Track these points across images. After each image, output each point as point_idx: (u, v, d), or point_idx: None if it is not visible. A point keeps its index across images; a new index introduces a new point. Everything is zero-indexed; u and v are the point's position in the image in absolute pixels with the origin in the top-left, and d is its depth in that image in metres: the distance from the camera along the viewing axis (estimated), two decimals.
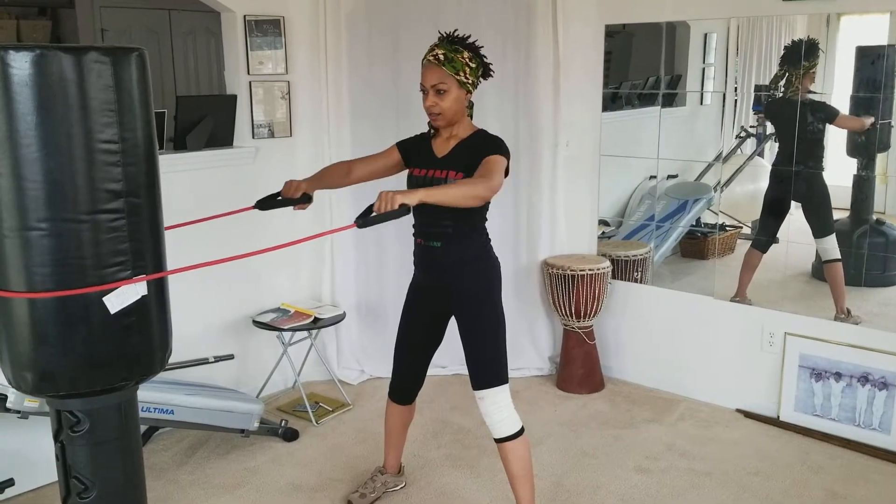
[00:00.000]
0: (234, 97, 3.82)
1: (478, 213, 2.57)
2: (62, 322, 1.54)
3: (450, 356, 3.45)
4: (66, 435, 1.66)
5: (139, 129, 1.60)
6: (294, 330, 3.71)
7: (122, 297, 1.58)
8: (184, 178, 3.62)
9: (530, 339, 4.26)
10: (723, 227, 5.16)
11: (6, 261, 1.53)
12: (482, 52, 2.56)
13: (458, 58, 2.47)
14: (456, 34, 2.54)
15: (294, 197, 2.62)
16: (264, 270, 3.94)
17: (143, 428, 3.44)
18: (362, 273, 4.17)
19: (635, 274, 4.23)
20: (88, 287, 1.53)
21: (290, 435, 3.55)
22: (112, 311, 1.57)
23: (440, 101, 2.48)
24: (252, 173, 3.80)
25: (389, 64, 4.02)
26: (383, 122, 4.03)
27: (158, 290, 1.71)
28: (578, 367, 4.02)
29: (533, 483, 2.66)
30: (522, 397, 3.98)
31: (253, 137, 3.88)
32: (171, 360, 3.52)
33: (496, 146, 2.51)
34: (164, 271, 1.72)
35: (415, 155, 2.66)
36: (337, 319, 3.86)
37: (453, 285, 2.62)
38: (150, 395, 3.04)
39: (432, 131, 2.63)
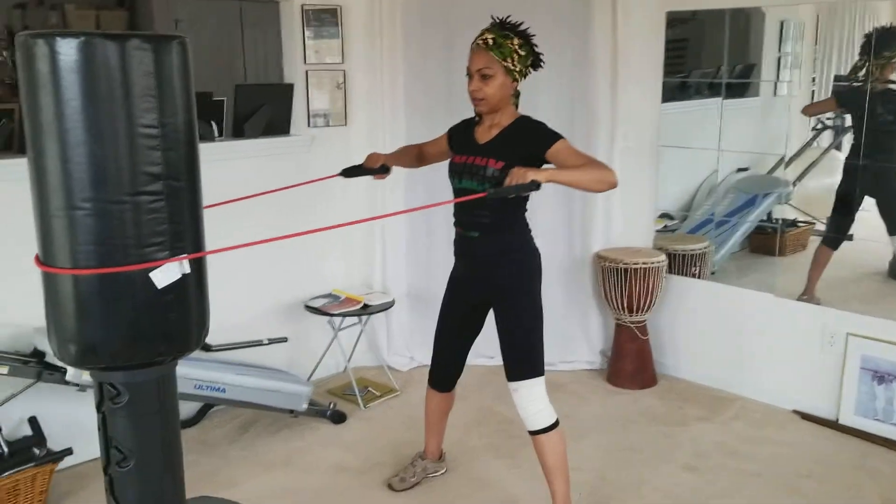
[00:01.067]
0: (291, 86, 3.89)
1: (517, 204, 2.56)
2: (104, 298, 1.61)
3: (496, 346, 3.44)
4: (108, 406, 1.73)
5: (179, 115, 1.65)
6: (343, 315, 3.77)
7: (167, 273, 1.64)
8: (241, 165, 3.72)
9: (582, 333, 4.22)
10: (795, 223, 4.99)
11: (53, 239, 1.61)
12: (536, 41, 2.55)
13: (508, 44, 2.46)
14: (508, 20, 2.52)
15: (374, 167, 2.81)
16: (318, 256, 4.02)
17: (197, 405, 3.57)
18: (413, 260, 4.20)
19: (693, 269, 4.13)
20: (128, 265, 1.59)
21: (338, 417, 3.62)
22: (159, 287, 1.63)
23: (484, 87, 2.48)
24: (308, 161, 3.87)
25: (444, 54, 4.03)
26: (437, 113, 4.02)
27: (197, 271, 1.76)
28: (630, 363, 3.97)
29: (568, 476, 2.65)
30: (571, 390, 3.95)
31: (309, 126, 3.95)
32: (226, 342, 3.70)
33: (550, 134, 2.49)
34: (204, 251, 1.77)
35: (457, 141, 2.67)
36: (386, 306, 3.90)
37: (490, 276, 2.62)
38: (203, 373, 3.15)
39: (477, 118, 2.63)
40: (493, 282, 2.62)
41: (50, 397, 3.03)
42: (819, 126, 4.83)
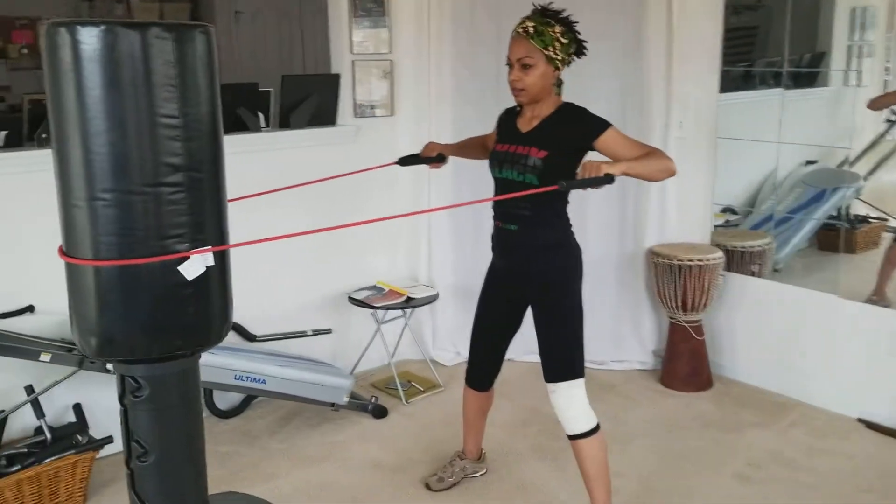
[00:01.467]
0: (338, 76, 3.85)
1: (560, 198, 2.45)
2: (122, 290, 1.58)
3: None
4: (129, 399, 1.71)
5: (201, 105, 1.61)
6: (386, 308, 3.72)
7: (194, 265, 1.61)
8: (287, 156, 3.70)
9: (633, 331, 4.08)
10: (866, 220, 4.72)
11: (76, 230, 1.58)
12: (587, 28, 2.45)
13: (549, 31, 2.35)
14: (550, 6, 2.41)
15: (430, 156, 2.81)
16: (363, 248, 3.98)
17: (240, 395, 3.57)
18: (460, 254, 4.12)
19: (752, 267, 3.94)
20: (147, 257, 1.56)
21: (379, 412, 3.57)
22: (189, 279, 1.60)
23: (525, 77, 2.38)
24: (353, 151, 3.82)
25: (493, 41, 3.91)
26: (485, 102, 3.92)
27: (220, 265, 1.72)
28: (684, 364, 3.81)
29: (609, 484, 2.53)
30: (620, 391, 3.82)
31: (355, 116, 3.91)
32: (271, 332, 3.70)
33: (598, 122, 2.38)
34: (228, 244, 1.73)
35: (502, 130, 2.58)
36: (430, 300, 3.84)
37: (528, 271, 2.52)
38: (244, 364, 3.14)
39: (519, 107, 2.54)
40: (530, 278, 2.52)
41: (95, 385, 3.06)
42: (892, 118, 4.56)
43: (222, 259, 1.73)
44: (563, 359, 2.50)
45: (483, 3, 3.90)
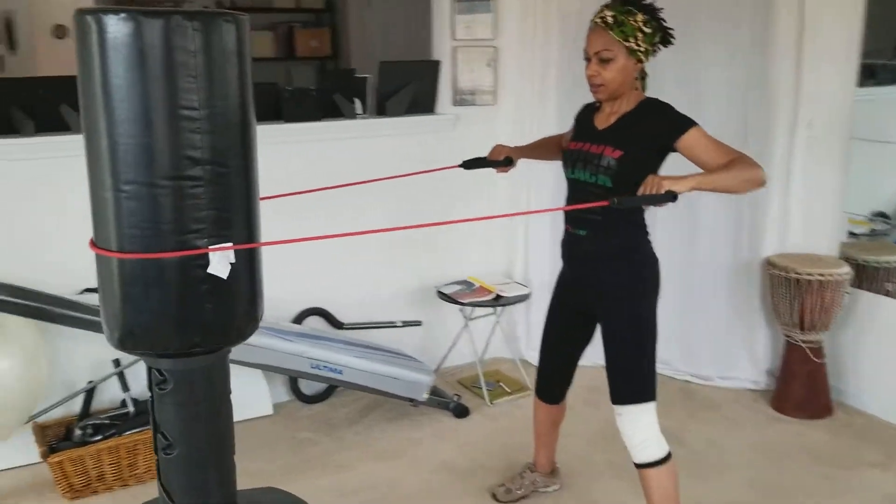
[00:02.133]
0: (438, 63, 3.75)
1: None
2: (142, 283, 1.56)
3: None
4: (155, 392, 1.69)
5: (228, 98, 1.55)
6: (473, 305, 3.60)
7: (219, 262, 1.57)
8: (383, 144, 3.65)
9: (746, 347, 3.73)
10: None
11: (102, 220, 1.57)
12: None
13: (630, 21, 2.13)
14: None
15: (497, 159, 2.61)
16: (459, 242, 3.88)
17: (323, 386, 3.57)
18: (558, 254, 3.91)
19: (887, 285, 3.50)
20: (164, 252, 1.52)
21: (460, 411, 3.47)
22: (219, 274, 1.56)
23: (603, 71, 2.17)
24: (452, 141, 3.72)
25: None
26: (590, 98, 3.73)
27: (248, 262, 1.66)
28: (799, 387, 3.44)
29: None
30: (724, 412, 3.51)
31: (454, 105, 3.79)
32: (361, 321, 3.68)
33: (681, 120, 2.14)
34: (253, 242, 1.67)
35: (578, 127, 2.39)
36: (520, 299, 3.68)
37: (596, 281, 2.32)
38: (321, 353, 3.12)
39: (597, 103, 2.33)
40: (598, 288, 2.33)
41: None
42: None
43: (250, 257, 1.68)
44: (631, 379, 2.28)
45: None
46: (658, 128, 2.15)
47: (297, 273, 3.55)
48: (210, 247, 1.56)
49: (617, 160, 2.16)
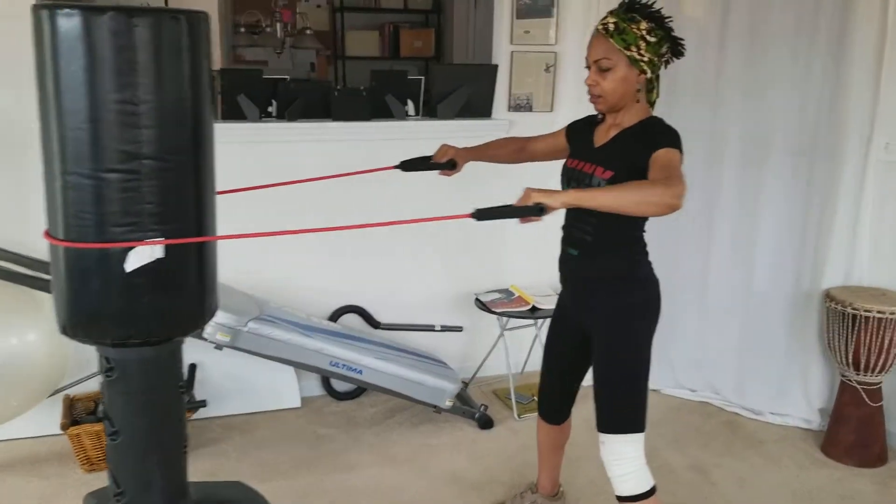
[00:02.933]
0: (495, 67, 3.68)
1: (629, 221, 2.08)
2: (79, 272, 1.60)
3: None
4: (104, 379, 1.75)
5: (170, 92, 1.57)
6: (507, 315, 3.52)
7: (137, 256, 1.60)
8: (432, 146, 3.58)
9: (800, 384, 3.45)
10: None
11: (53, 209, 1.63)
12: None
13: (633, 29, 2.00)
14: None
15: (440, 161, 2.45)
16: (504, 248, 3.81)
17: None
18: None
19: None
20: (97, 243, 1.57)
21: (484, 422, 3.40)
22: (127, 270, 1.59)
23: (602, 81, 2.05)
24: None
25: None
26: (659, 105, 3.56)
27: (196, 258, 1.68)
28: (851, 431, 3.15)
29: None
30: (767, 450, 3.26)
31: (509, 110, 3.72)
32: (399, 321, 3.67)
33: (668, 138, 1.99)
34: (183, 238, 1.66)
35: (575, 140, 2.28)
36: None
37: (589, 303, 2.20)
38: (340, 351, 3.14)
39: (600, 115, 2.21)
40: (591, 310, 2.21)
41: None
42: None
43: (200, 252, 1.70)
44: (618, 408, 2.15)
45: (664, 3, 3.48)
46: (643, 146, 2.00)
47: (339, 269, 3.60)
48: (146, 241, 1.59)
49: (607, 181, 2.04)
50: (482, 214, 1.82)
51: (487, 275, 3.81)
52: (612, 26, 2.03)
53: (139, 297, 1.62)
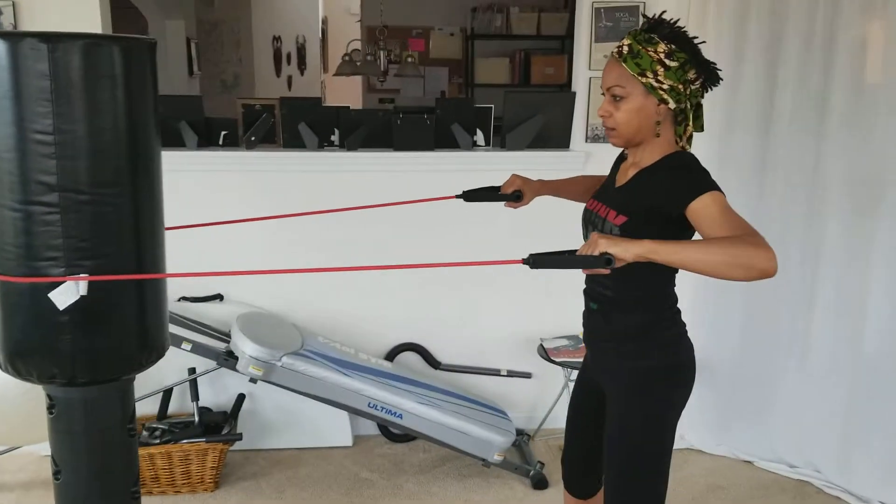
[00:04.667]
0: (573, 95, 3.42)
1: (656, 272, 1.74)
2: (8, 306, 1.55)
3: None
4: (48, 415, 1.69)
5: (93, 122, 1.48)
6: (567, 366, 3.21)
7: (65, 293, 1.52)
8: (499, 179, 3.38)
9: None
10: None
11: None
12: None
13: (649, 53, 1.70)
14: (661, 17, 1.76)
15: (506, 192, 2.24)
16: (578, 289, 3.49)
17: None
18: (697, 320, 3.34)
19: None
20: (20, 277, 1.51)
21: (538, 482, 3.11)
22: (59, 307, 1.52)
23: (615, 112, 1.77)
24: None
25: (765, 59, 3.11)
26: (749, 134, 3.16)
27: (118, 293, 1.58)
28: None
29: None
30: None
31: (586, 141, 3.43)
32: (463, 362, 3.46)
33: (697, 183, 1.65)
34: (142, 273, 1.60)
35: (608, 178, 1.99)
36: None
37: (605, 365, 1.90)
38: (378, 393, 2.97)
39: (626, 151, 1.92)
40: (605, 374, 1.92)
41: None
42: None
43: (138, 289, 1.61)
44: (624, 489, 1.83)
45: (755, 12, 3.09)
46: (668, 189, 1.69)
47: (401, 303, 3.45)
48: (70, 276, 1.51)
49: (620, 227, 1.74)
50: (538, 262, 1.59)
51: (557, 316, 3.51)
52: (626, 49, 1.75)
53: (61, 334, 1.54)
